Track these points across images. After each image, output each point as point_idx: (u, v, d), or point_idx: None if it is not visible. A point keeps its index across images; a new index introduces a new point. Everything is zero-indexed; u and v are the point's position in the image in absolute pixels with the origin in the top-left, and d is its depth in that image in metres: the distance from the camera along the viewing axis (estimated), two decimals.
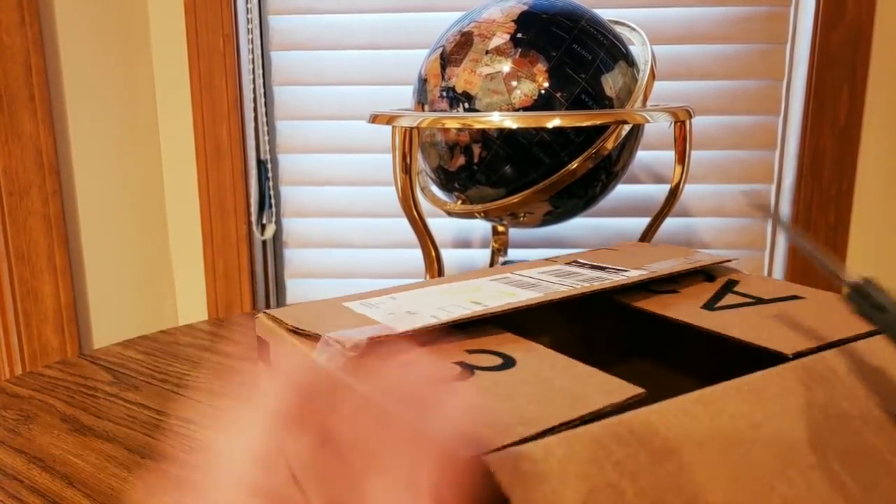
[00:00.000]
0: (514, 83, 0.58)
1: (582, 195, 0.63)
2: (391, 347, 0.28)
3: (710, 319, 0.30)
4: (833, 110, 0.91)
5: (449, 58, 0.62)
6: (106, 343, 0.93)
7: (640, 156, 0.97)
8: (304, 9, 0.96)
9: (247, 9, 0.95)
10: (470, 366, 0.25)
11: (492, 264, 0.80)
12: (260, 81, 0.98)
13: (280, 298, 1.06)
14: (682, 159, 0.62)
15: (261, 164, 1.00)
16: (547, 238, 0.99)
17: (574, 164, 0.58)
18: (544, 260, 0.41)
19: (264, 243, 1.03)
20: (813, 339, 0.27)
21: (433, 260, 0.62)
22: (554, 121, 0.53)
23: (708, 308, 0.32)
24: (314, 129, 0.99)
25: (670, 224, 0.98)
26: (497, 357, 0.26)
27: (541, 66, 0.58)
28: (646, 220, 0.98)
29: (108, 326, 0.93)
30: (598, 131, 0.59)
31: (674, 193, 0.63)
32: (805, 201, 0.93)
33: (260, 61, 0.97)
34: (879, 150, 0.92)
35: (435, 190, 0.71)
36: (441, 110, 0.62)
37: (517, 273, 0.37)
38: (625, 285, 0.34)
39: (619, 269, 0.36)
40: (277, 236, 1.04)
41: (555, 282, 0.34)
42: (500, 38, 0.59)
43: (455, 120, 0.56)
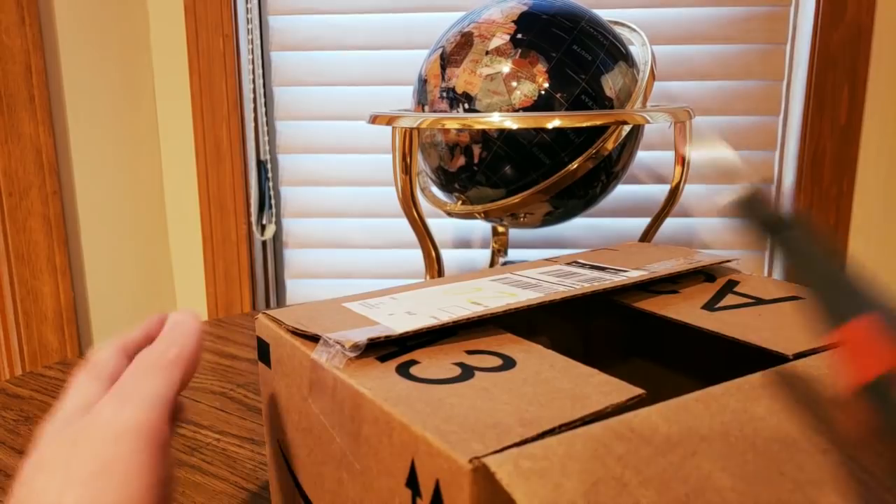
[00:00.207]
0: (515, 84, 0.58)
1: (582, 195, 0.64)
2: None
3: (711, 320, 0.30)
4: (833, 110, 0.91)
5: (449, 58, 0.62)
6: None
7: (640, 156, 0.97)
8: (304, 9, 0.96)
9: (247, 9, 0.95)
10: (470, 367, 0.25)
11: (492, 265, 0.80)
12: (260, 82, 0.98)
13: (280, 298, 1.06)
14: (682, 159, 0.62)
15: (261, 164, 1.00)
16: (547, 238, 0.99)
17: (574, 165, 0.58)
18: (544, 260, 0.41)
19: (264, 243, 1.03)
20: (813, 339, 0.27)
21: (433, 260, 0.62)
22: (554, 121, 0.53)
23: (708, 309, 0.32)
24: (314, 130, 0.99)
25: (670, 224, 0.98)
26: (497, 358, 0.26)
27: (541, 67, 0.58)
28: (646, 221, 0.98)
29: (108, 326, 0.93)
30: (598, 132, 0.59)
31: (674, 193, 0.63)
32: (805, 202, 0.93)
33: (260, 61, 0.97)
34: (879, 150, 0.92)
35: (435, 190, 0.71)
36: (441, 111, 0.62)
37: (517, 273, 0.37)
38: (625, 286, 0.34)
39: (620, 270, 0.36)
40: (277, 236, 1.04)
41: (555, 282, 0.34)
42: (500, 39, 0.59)
43: (455, 120, 0.56)
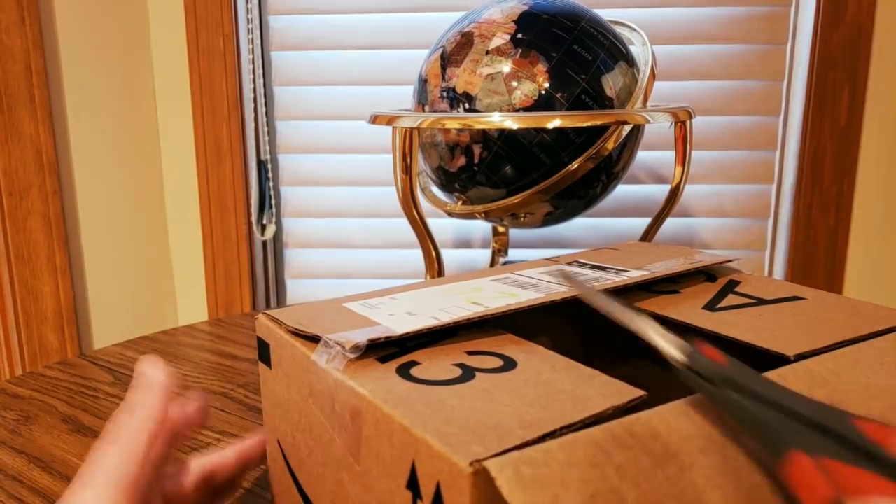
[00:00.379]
0: (515, 84, 0.58)
1: (582, 195, 0.63)
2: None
3: (712, 320, 0.30)
4: (833, 110, 0.91)
5: (449, 58, 0.62)
6: (106, 343, 0.93)
7: (641, 156, 0.97)
8: (304, 9, 0.96)
9: (247, 9, 0.95)
10: (470, 368, 0.25)
11: (492, 265, 0.80)
12: (260, 81, 0.98)
13: (280, 298, 1.06)
14: (683, 160, 0.62)
15: (261, 164, 1.00)
16: (547, 238, 0.99)
17: (574, 165, 0.58)
18: (545, 260, 0.41)
19: (264, 243, 1.03)
20: (814, 340, 0.27)
21: (433, 260, 0.62)
22: (554, 121, 0.53)
23: (709, 309, 0.32)
24: (314, 129, 0.99)
25: (670, 224, 0.98)
26: (497, 359, 0.26)
27: (541, 67, 0.58)
28: (646, 221, 0.98)
29: (108, 326, 0.93)
30: (598, 132, 0.59)
31: (674, 193, 0.63)
32: (805, 202, 0.93)
33: (260, 61, 0.97)
34: (879, 151, 0.92)
35: (435, 190, 0.71)
36: (441, 111, 0.62)
37: (518, 273, 0.37)
38: (626, 286, 0.34)
39: (621, 270, 0.36)
40: (277, 236, 1.04)
41: (555, 282, 0.34)
42: (501, 39, 0.59)
43: (455, 120, 0.56)
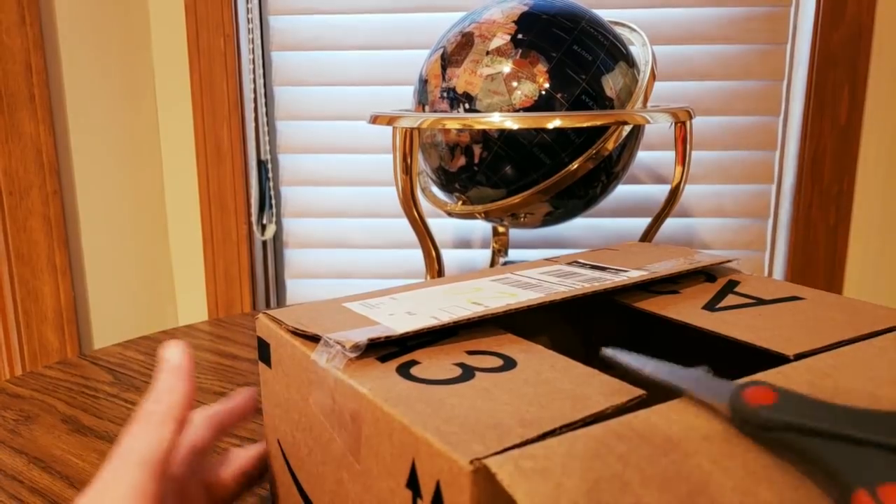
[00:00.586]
0: (515, 84, 0.58)
1: (582, 196, 0.64)
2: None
3: (711, 320, 0.30)
4: (833, 110, 0.91)
5: (450, 58, 0.62)
6: (106, 343, 0.93)
7: (641, 156, 0.97)
8: (304, 9, 0.96)
9: (247, 9, 0.95)
10: (470, 367, 0.25)
11: (492, 265, 0.80)
12: (260, 81, 0.98)
13: (280, 298, 1.06)
14: (683, 160, 0.62)
15: (261, 164, 1.00)
16: (547, 238, 0.99)
17: (574, 165, 0.58)
18: (544, 260, 0.41)
19: (264, 243, 1.03)
20: (814, 339, 0.27)
21: (433, 260, 0.62)
22: (554, 121, 0.53)
23: (709, 309, 0.32)
24: (314, 129, 0.99)
25: (670, 224, 0.98)
26: (497, 358, 0.26)
27: (541, 67, 0.58)
28: (646, 221, 0.99)
29: (108, 326, 0.93)
30: (598, 132, 0.59)
31: (674, 194, 0.63)
32: (805, 201, 0.93)
33: (260, 61, 0.97)
34: (879, 150, 0.92)
35: (435, 190, 0.71)
36: (442, 111, 0.62)
37: (517, 273, 0.37)
38: (625, 286, 0.34)
39: (620, 270, 0.36)
40: (277, 236, 1.04)
41: (555, 282, 0.34)
42: (501, 39, 0.59)
43: (456, 121, 0.56)
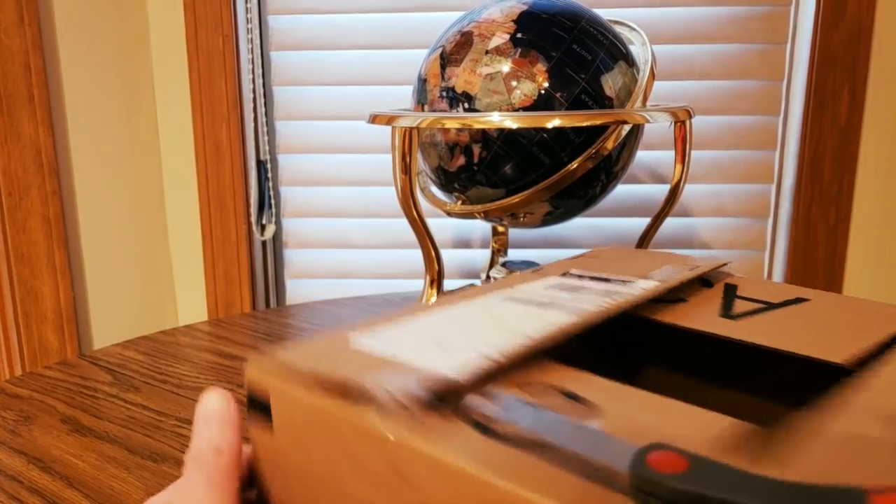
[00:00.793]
0: (514, 83, 0.58)
1: (582, 195, 0.63)
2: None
3: (743, 330, 0.29)
4: (833, 110, 0.91)
5: (449, 58, 0.62)
6: (106, 343, 0.93)
7: (640, 156, 0.96)
8: (304, 9, 0.96)
9: (246, 8, 0.95)
10: (545, 411, 0.21)
11: (492, 264, 0.80)
12: (260, 81, 0.98)
13: (280, 298, 1.06)
14: (682, 159, 0.62)
15: (261, 164, 1.00)
16: (547, 238, 0.99)
17: (574, 165, 0.58)
18: (531, 272, 0.38)
19: (264, 243, 1.03)
20: (850, 343, 0.26)
21: (433, 260, 0.62)
22: (554, 121, 0.53)
23: (728, 317, 0.31)
24: (314, 129, 0.99)
25: (670, 224, 0.98)
26: (567, 399, 0.22)
27: (541, 66, 0.58)
28: (646, 220, 0.98)
29: (108, 326, 0.93)
30: (598, 131, 0.59)
31: (674, 193, 0.63)
32: (805, 201, 0.93)
33: (260, 61, 0.97)
34: (879, 150, 0.92)
35: (435, 190, 0.71)
36: (441, 110, 0.62)
37: (519, 289, 0.34)
38: (644, 299, 0.31)
39: (626, 280, 0.35)
40: (277, 236, 1.04)
41: (569, 298, 0.32)
42: (500, 38, 0.59)
43: (455, 120, 0.56)
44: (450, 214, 0.67)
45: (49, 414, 0.55)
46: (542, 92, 0.58)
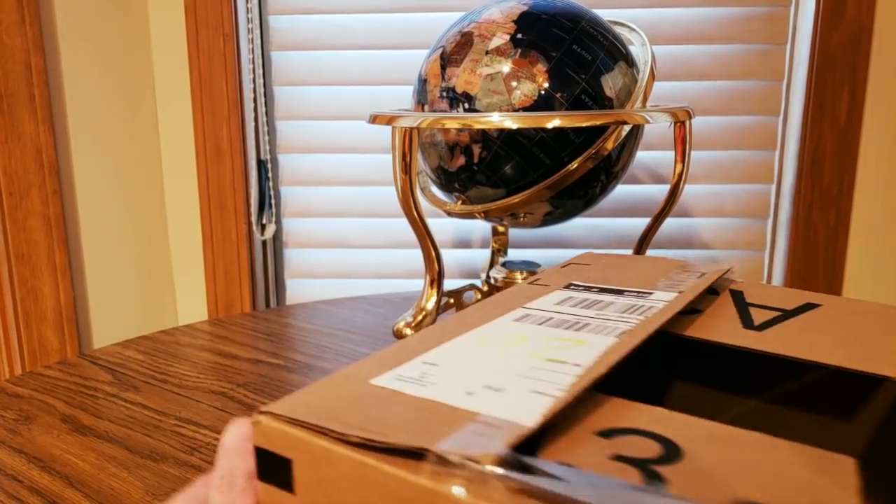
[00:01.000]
0: (515, 83, 0.58)
1: (582, 195, 0.63)
2: None
3: (778, 342, 0.28)
4: (833, 110, 0.91)
5: (449, 58, 0.62)
6: (106, 343, 0.93)
7: (640, 156, 0.97)
8: (304, 9, 0.96)
9: (247, 8, 0.95)
10: (632, 460, 0.18)
11: (492, 264, 0.80)
12: (260, 81, 0.98)
13: (280, 298, 1.06)
14: (682, 159, 0.62)
15: (261, 164, 1.00)
16: (547, 238, 0.99)
17: (574, 165, 0.58)
18: (529, 284, 0.35)
19: (264, 243, 1.03)
20: (887, 352, 0.25)
21: (433, 260, 0.62)
22: (554, 121, 0.53)
23: (750, 328, 0.29)
24: (314, 129, 1.00)
25: (670, 224, 0.98)
26: (650, 441, 0.19)
27: (541, 67, 0.58)
28: (646, 220, 0.98)
29: (108, 326, 0.93)
30: (598, 132, 0.59)
31: (674, 193, 0.63)
32: (805, 202, 0.93)
33: (260, 61, 0.97)
34: (879, 150, 0.92)
35: (435, 190, 0.71)
36: (441, 111, 0.62)
37: (533, 307, 0.31)
38: (675, 313, 0.30)
39: (642, 293, 0.33)
40: (277, 236, 1.04)
41: (593, 315, 0.30)
42: (500, 39, 0.59)
43: (455, 120, 0.56)
44: (450, 214, 0.67)
45: (49, 413, 0.55)
46: (543, 92, 0.58)
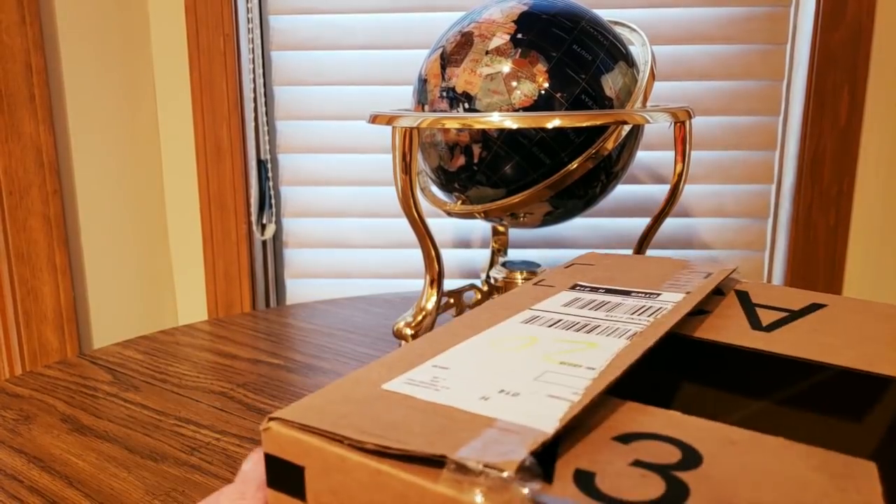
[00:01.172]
0: (515, 83, 0.58)
1: (582, 195, 0.63)
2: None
3: (788, 344, 0.27)
4: (833, 110, 0.91)
5: (449, 58, 0.62)
6: (106, 343, 0.93)
7: (640, 156, 0.97)
8: (304, 9, 0.96)
9: (247, 8, 0.95)
10: (653, 466, 0.18)
11: (492, 264, 0.80)
12: (260, 81, 0.98)
13: (280, 298, 1.06)
14: (682, 159, 0.62)
15: (261, 163, 1.00)
16: (547, 238, 0.99)
17: (574, 165, 0.58)
18: (533, 285, 0.35)
19: (264, 243, 1.03)
20: None
21: (433, 260, 0.62)
22: (554, 121, 0.53)
23: (759, 329, 0.29)
24: (314, 129, 1.00)
25: (670, 224, 0.98)
26: (670, 447, 0.19)
27: (541, 67, 0.58)
28: (645, 220, 0.99)
29: (108, 326, 0.93)
30: (598, 132, 0.59)
31: (674, 194, 0.63)
32: (805, 202, 0.93)
33: (260, 61, 0.97)
34: (879, 150, 0.92)
35: (435, 190, 0.71)
36: (441, 110, 0.62)
37: (540, 308, 0.31)
38: (685, 315, 0.30)
39: (649, 293, 0.33)
40: (277, 236, 1.04)
41: (603, 317, 0.30)
42: (501, 39, 0.59)
43: (455, 120, 0.56)
44: (450, 214, 0.67)
45: (49, 413, 0.55)
46: (543, 92, 0.58)
